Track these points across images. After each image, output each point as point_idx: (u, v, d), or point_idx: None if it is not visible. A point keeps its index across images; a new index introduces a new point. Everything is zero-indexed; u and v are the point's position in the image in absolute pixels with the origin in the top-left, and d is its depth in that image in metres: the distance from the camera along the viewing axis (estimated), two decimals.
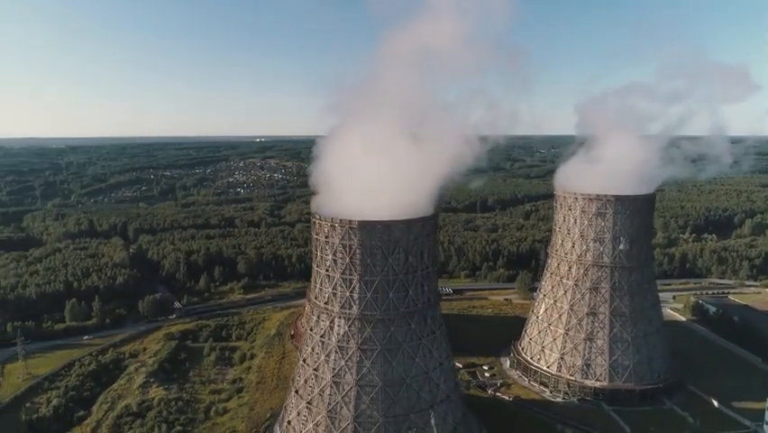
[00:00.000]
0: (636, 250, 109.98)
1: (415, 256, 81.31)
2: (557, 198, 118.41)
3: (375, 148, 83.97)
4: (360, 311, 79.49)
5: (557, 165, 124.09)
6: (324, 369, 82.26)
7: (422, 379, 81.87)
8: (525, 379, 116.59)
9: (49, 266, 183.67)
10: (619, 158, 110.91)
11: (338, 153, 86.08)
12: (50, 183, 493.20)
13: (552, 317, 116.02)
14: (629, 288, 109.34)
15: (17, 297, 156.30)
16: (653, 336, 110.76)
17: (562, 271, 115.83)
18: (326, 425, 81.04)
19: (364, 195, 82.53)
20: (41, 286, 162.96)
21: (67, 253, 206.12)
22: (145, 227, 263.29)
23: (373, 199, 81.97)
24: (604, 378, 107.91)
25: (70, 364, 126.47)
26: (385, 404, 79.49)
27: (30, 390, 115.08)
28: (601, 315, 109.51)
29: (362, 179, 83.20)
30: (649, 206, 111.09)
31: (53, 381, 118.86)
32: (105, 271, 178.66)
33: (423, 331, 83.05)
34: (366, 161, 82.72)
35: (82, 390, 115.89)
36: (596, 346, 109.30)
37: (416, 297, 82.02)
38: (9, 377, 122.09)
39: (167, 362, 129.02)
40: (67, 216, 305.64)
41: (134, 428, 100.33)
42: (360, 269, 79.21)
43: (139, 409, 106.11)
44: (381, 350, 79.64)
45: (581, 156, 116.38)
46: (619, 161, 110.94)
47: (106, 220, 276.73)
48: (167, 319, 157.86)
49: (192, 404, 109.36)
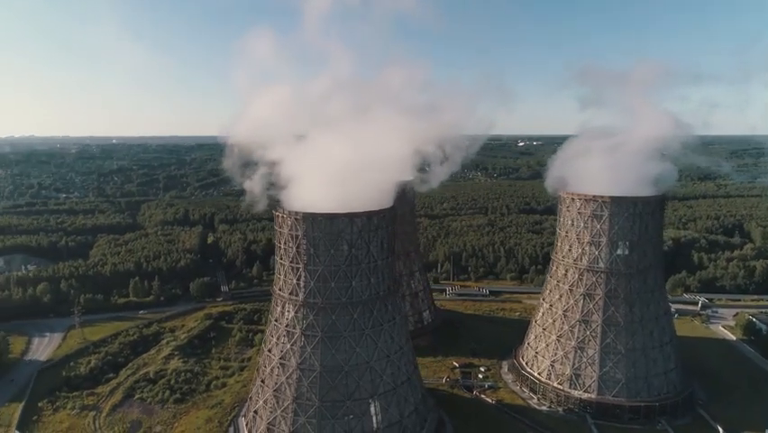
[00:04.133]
0: (638, 256, 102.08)
1: (359, 249, 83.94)
2: (560, 199, 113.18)
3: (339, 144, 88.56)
4: (304, 298, 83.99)
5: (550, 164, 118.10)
6: (274, 351, 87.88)
7: (363, 367, 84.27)
8: (517, 384, 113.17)
9: (129, 248, 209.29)
10: (622, 156, 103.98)
11: (306, 148, 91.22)
12: (172, 177, 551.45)
13: (546, 321, 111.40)
14: (626, 296, 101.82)
15: (95, 273, 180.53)
16: (655, 351, 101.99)
17: (559, 274, 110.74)
18: (272, 404, 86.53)
19: (328, 189, 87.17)
20: (116, 265, 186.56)
21: (151, 238, 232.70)
22: (229, 218, 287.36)
23: (336, 193, 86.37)
24: (593, 390, 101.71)
25: (118, 334, 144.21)
26: (323, 389, 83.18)
27: (78, 352, 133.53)
28: (594, 323, 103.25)
29: (326, 173, 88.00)
30: (653, 209, 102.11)
31: (99, 346, 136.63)
32: (172, 255, 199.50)
33: (369, 321, 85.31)
34: (330, 156, 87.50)
35: (119, 356, 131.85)
36: (586, 356, 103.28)
37: (361, 288, 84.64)
38: (68, 340, 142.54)
39: (197, 338, 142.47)
40: (175, 205, 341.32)
41: (144, 391, 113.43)
42: (305, 258, 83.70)
43: (154, 377, 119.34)
44: (322, 337, 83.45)
45: (585, 154, 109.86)
46: (622, 159, 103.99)
47: (199, 210, 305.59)
48: (213, 301, 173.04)
49: (199, 376, 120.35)
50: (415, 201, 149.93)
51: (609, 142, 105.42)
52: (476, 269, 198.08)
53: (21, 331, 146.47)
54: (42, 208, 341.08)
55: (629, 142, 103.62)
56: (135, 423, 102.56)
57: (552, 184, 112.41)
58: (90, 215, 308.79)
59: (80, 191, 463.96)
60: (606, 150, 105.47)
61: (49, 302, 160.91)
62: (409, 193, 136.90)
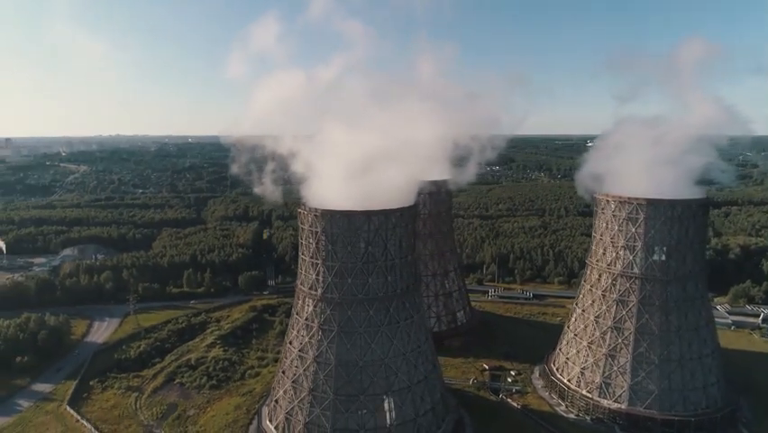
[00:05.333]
0: (676, 262, 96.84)
1: (376, 246, 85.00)
2: (595, 201, 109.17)
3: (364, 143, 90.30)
4: (322, 293, 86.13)
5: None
6: (294, 344, 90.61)
7: (378, 363, 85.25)
8: (546, 390, 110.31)
9: (188, 241, 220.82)
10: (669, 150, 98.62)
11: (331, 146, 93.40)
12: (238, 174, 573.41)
13: (578, 327, 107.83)
14: (662, 304, 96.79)
15: (154, 264, 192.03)
16: (693, 363, 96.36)
17: (593, 278, 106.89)
18: (291, 394, 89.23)
19: (351, 185, 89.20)
20: (173, 257, 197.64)
21: (209, 232, 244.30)
22: (285, 215, 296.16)
23: (360, 190, 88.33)
24: (623, 400, 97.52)
25: (168, 321, 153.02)
26: (338, 383, 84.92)
27: (131, 336, 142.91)
28: (626, 330, 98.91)
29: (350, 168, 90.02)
30: (694, 213, 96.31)
31: (150, 332, 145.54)
32: (225, 249, 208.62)
33: (385, 318, 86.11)
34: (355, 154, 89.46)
35: (167, 342, 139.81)
36: (617, 364, 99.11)
37: (377, 285, 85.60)
38: (124, 325, 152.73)
39: (239, 329, 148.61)
40: (237, 202, 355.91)
41: (184, 376, 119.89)
42: (323, 254, 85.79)
43: (195, 363, 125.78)
44: (338, 331, 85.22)
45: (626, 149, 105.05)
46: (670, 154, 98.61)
47: (258, 207, 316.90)
48: (259, 294, 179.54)
49: (236, 365, 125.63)
50: (451, 201, 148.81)
51: (653, 134, 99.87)
52: (522, 271, 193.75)
53: (84, 315, 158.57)
54: (119, 203, 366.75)
55: (676, 134, 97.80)
56: (172, 406, 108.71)
57: (584, 185, 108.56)
58: (159, 209, 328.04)
59: (155, 187, 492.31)
60: (648, 144, 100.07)
61: (111, 289, 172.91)
62: (444, 193, 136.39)
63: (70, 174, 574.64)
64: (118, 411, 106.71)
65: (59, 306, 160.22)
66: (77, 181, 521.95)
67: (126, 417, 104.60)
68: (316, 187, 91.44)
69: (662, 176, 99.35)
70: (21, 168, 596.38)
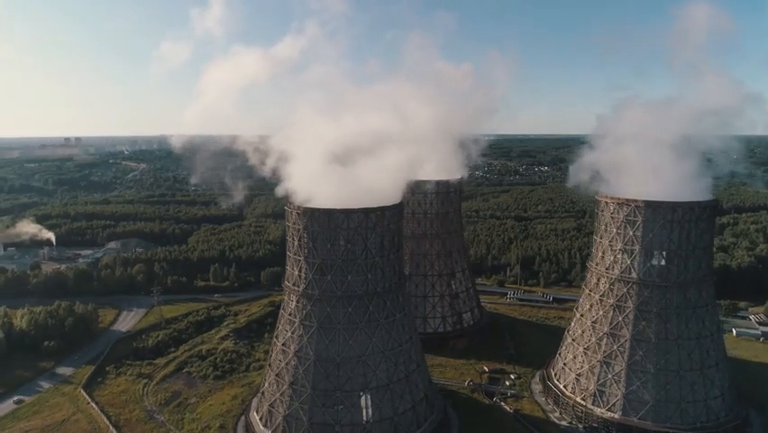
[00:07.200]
0: (677, 268, 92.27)
1: (356, 244, 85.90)
2: (596, 202, 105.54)
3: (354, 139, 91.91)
4: (303, 289, 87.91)
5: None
6: (279, 338, 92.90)
7: (355, 360, 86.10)
8: (543, 395, 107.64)
9: (220, 237, 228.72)
10: None
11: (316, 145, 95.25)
12: None
13: (576, 332, 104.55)
14: (661, 311, 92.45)
15: (184, 258, 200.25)
16: (693, 374, 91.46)
17: (592, 282, 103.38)
18: (274, 387, 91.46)
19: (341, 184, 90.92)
20: (203, 252, 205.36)
21: (243, 228, 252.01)
22: None
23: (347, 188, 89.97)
24: (616, 409, 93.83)
25: (189, 313, 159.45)
26: (316, 377, 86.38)
27: (152, 326, 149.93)
28: (622, 337, 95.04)
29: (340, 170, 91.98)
30: (698, 216, 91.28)
31: (170, 323, 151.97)
32: (253, 245, 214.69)
33: (364, 316, 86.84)
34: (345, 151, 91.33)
35: (184, 333, 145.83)
36: (612, 372, 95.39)
37: (357, 283, 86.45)
38: (149, 316, 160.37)
39: (255, 323, 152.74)
40: (280, 199, 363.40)
41: (193, 366, 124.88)
42: (305, 251, 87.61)
43: (205, 354, 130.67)
44: (317, 327, 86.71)
45: None
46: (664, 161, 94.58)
47: None
48: (280, 290, 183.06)
49: (243, 358, 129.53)
50: (460, 201, 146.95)
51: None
52: (547, 274, 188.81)
53: (114, 304, 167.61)
54: (170, 199, 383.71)
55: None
56: (176, 393, 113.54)
57: (577, 183, 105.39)
58: (204, 206, 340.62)
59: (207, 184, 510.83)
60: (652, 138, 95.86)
61: (141, 281, 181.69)
62: (453, 193, 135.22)
63: (130, 171, 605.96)
64: (126, 396, 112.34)
65: (95, 296, 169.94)
66: (135, 179, 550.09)
67: (132, 401, 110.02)
68: (298, 182, 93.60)
69: (666, 175, 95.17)
70: (86, 165, 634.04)
